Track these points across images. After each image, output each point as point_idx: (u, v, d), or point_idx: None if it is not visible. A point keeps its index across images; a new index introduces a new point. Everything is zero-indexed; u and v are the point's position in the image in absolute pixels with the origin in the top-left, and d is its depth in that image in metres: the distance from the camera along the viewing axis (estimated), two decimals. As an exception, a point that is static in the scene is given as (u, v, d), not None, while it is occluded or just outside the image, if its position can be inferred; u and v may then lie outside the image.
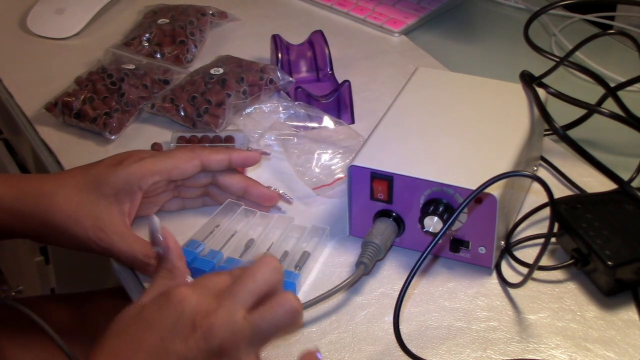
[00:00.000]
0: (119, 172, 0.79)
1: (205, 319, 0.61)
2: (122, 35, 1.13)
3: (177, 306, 0.62)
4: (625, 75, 1.01)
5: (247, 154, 0.86)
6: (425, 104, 0.87)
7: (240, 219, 0.84)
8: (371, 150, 0.81)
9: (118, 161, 0.81)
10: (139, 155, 0.82)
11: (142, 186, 0.80)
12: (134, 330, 0.62)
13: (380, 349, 0.73)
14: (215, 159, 0.83)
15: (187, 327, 0.61)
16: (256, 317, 0.62)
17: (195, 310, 0.61)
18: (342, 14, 1.21)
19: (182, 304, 0.62)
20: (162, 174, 0.81)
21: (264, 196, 0.86)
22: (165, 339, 0.61)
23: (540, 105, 0.86)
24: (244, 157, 0.85)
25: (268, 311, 0.62)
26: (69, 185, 0.80)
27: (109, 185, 0.79)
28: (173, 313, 0.62)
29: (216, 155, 0.84)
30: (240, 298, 0.62)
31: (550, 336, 0.74)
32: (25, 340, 0.92)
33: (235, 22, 1.20)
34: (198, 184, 0.85)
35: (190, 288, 0.63)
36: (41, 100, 1.02)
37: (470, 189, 0.73)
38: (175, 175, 0.82)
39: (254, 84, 1.00)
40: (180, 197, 0.87)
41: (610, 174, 0.83)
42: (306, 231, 0.82)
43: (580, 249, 0.77)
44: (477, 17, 1.23)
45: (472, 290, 0.78)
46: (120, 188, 0.79)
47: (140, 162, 0.80)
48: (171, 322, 0.61)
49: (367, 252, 0.77)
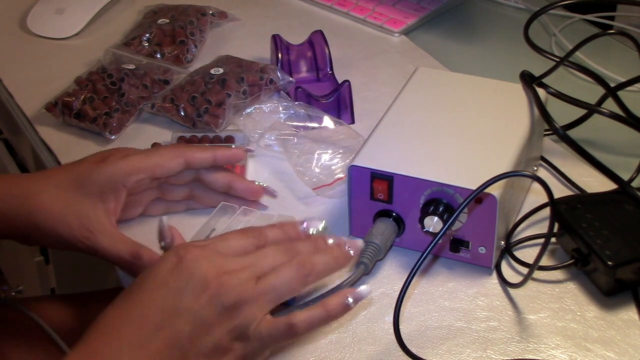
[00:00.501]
0: (103, 169, 0.79)
1: (216, 278, 0.64)
2: (122, 35, 1.13)
3: (190, 265, 0.64)
4: (625, 75, 1.01)
5: (232, 151, 0.85)
6: (425, 104, 0.87)
7: (239, 219, 0.84)
8: (371, 150, 0.81)
9: (101, 158, 0.81)
10: (122, 153, 0.82)
11: (126, 184, 0.80)
12: (146, 289, 0.65)
13: (380, 349, 0.73)
14: (199, 157, 0.83)
15: (199, 285, 0.63)
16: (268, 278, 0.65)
17: (206, 269, 0.64)
18: (342, 14, 1.21)
19: (194, 263, 0.64)
20: (146, 171, 0.81)
21: (249, 190, 0.86)
22: (177, 296, 0.64)
23: (540, 105, 0.86)
24: (229, 154, 0.85)
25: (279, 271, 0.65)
26: (53, 184, 0.79)
27: (94, 184, 0.79)
28: (185, 273, 0.64)
29: (201, 153, 0.83)
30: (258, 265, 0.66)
31: (550, 336, 0.74)
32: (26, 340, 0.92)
33: (235, 22, 1.20)
34: (182, 181, 0.85)
35: (202, 249, 0.66)
36: (41, 100, 1.02)
37: (470, 189, 0.73)
38: (159, 172, 0.82)
39: (254, 84, 1.00)
40: (164, 200, 0.86)
41: (610, 174, 0.83)
42: None
43: (580, 249, 0.77)
44: (477, 17, 1.23)
45: (472, 290, 0.78)
46: (105, 186, 0.79)
47: (124, 159, 0.80)
48: (183, 280, 0.64)
49: (367, 252, 0.77)
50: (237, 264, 0.65)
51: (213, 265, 0.64)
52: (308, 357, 0.72)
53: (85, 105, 0.99)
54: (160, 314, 0.63)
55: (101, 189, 0.79)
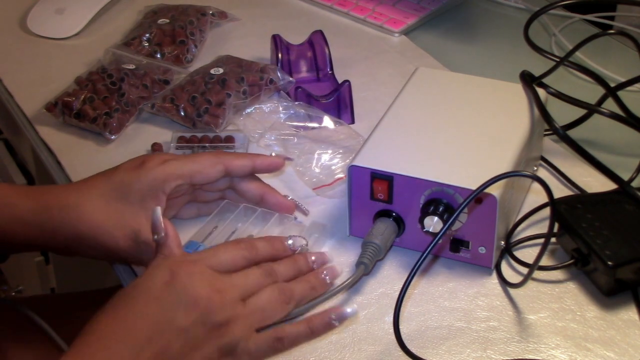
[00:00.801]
0: (142, 176, 0.78)
1: (208, 296, 0.66)
2: (122, 35, 1.13)
3: (182, 282, 0.67)
4: (625, 75, 1.01)
5: (270, 159, 0.84)
6: (425, 104, 0.87)
7: (239, 217, 0.84)
8: (371, 150, 0.81)
9: (139, 164, 0.79)
10: (161, 158, 0.80)
11: (165, 190, 0.79)
12: (139, 300, 0.66)
13: (380, 349, 0.73)
14: (238, 165, 0.82)
15: (191, 302, 0.66)
16: (255, 299, 0.69)
17: (198, 287, 0.67)
18: (342, 14, 1.21)
19: (187, 279, 0.67)
20: (185, 177, 0.80)
21: (281, 205, 0.84)
22: (169, 312, 0.66)
23: (540, 105, 0.86)
24: (268, 162, 0.84)
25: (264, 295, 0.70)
26: (94, 195, 0.78)
27: (135, 192, 0.78)
28: (178, 289, 0.66)
29: (240, 160, 0.82)
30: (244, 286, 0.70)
31: (550, 336, 0.74)
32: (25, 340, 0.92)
33: (235, 22, 1.20)
34: (217, 188, 0.84)
35: (194, 265, 0.68)
36: (41, 100, 1.02)
37: (470, 189, 0.73)
38: (198, 179, 0.81)
39: (254, 84, 1.00)
40: (196, 203, 0.86)
41: (610, 174, 0.83)
42: (305, 228, 0.82)
43: (580, 249, 0.77)
44: (477, 17, 1.23)
45: (472, 290, 0.78)
46: (146, 194, 0.78)
47: (163, 166, 0.79)
48: (176, 296, 0.66)
49: (367, 252, 0.78)
50: (227, 283, 0.69)
51: (204, 283, 0.67)
52: (308, 357, 0.72)
53: (85, 105, 0.99)
54: (152, 327, 0.65)
55: (143, 196, 0.78)
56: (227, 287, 0.68)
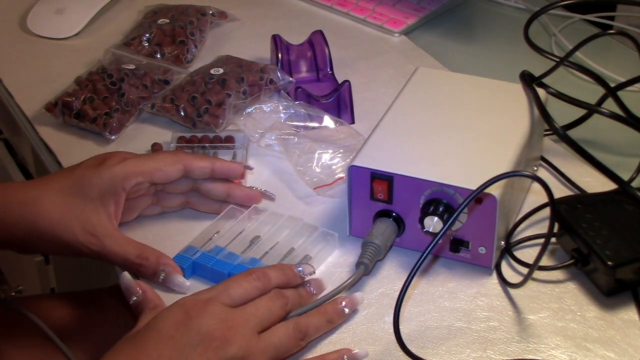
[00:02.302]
0: (103, 173, 0.79)
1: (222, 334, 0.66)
2: (122, 35, 1.13)
3: (196, 322, 0.67)
4: (625, 75, 1.01)
5: (230, 165, 0.85)
6: (425, 104, 0.87)
7: (246, 219, 0.84)
8: (371, 150, 0.81)
9: (100, 162, 0.81)
10: (121, 156, 0.82)
11: (125, 187, 0.79)
12: (152, 341, 0.66)
13: (380, 349, 0.73)
14: (198, 166, 0.83)
15: (206, 340, 0.66)
16: (269, 334, 0.69)
17: (212, 325, 0.67)
18: (342, 14, 1.21)
19: (200, 319, 0.67)
20: (145, 175, 0.81)
21: (247, 197, 0.86)
22: (184, 351, 0.65)
23: (540, 105, 0.86)
24: (226, 168, 0.85)
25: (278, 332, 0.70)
26: (53, 190, 0.79)
27: (94, 188, 0.79)
28: (192, 329, 0.66)
29: (199, 162, 0.83)
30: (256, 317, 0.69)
31: (550, 336, 0.74)
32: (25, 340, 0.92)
33: (235, 22, 1.20)
34: (179, 189, 0.85)
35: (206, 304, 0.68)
36: (41, 100, 1.02)
37: (470, 189, 0.73)
38: (158, 177, 0.81)
39: (254, 84, 1.00)
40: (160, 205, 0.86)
41: (610, 174, 0.83)
42: (315, 234, 0.82)
43: (580, 249, 0.77)
44: (477, 17, 1.23)
45: (472, 290, 0.78)
46: (105, 190, 0.79)
47: (123, 163, 0.80)
48: (190, 336, 0.66)
49: (367, 253, 0.78)
50: (240, 317, 0.69)
51: (218, 321, 0.67)
52: (308, 357, 0.72)
53: (85, 105, 0.99)
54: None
55: (102, 192, 0.79)
56: (241, 323, 0.68)
